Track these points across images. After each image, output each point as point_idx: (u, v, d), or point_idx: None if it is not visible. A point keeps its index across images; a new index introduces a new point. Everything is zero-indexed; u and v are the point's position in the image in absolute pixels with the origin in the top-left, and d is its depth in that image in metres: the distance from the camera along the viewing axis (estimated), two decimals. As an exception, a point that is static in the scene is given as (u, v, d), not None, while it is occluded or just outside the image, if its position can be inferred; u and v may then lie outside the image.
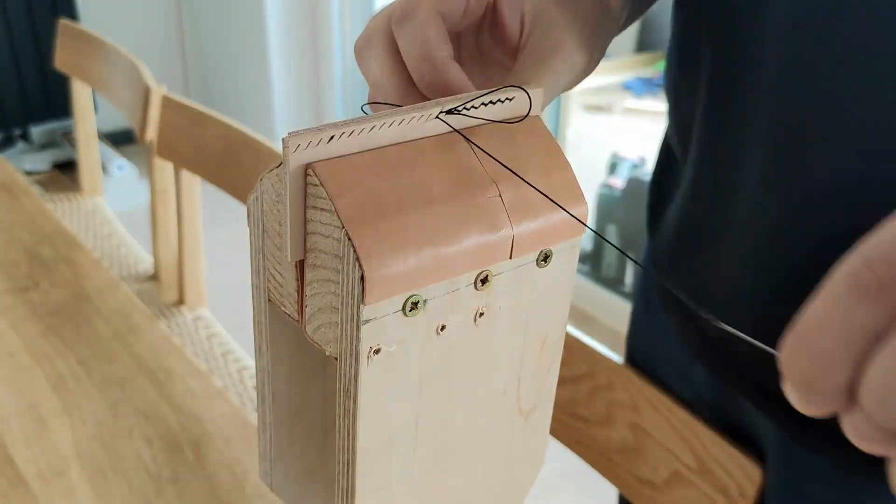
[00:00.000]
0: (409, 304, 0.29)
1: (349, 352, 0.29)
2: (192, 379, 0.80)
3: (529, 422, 0.37)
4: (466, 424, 0.34)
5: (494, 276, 0.31)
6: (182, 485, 0.68)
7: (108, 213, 1.64)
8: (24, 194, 1.18)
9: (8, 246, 1.03)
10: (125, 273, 1.44)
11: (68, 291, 0.94)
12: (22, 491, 0.66)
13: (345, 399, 0.30)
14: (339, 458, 0.31)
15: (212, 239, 1.62)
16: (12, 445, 0.71)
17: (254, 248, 0.32)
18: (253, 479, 0.68)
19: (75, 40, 1.57)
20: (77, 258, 1.01)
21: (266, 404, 0.37)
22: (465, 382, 0.33)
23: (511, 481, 0.39)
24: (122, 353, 0.83)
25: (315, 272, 0.30)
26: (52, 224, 1.09)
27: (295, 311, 0.32)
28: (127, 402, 0.77)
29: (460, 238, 0.29)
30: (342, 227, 0.27)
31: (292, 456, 0.39)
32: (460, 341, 0.31)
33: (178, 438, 0.73)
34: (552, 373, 0.37)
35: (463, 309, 0.31)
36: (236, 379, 1.17)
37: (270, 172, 0.29)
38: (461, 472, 0.36)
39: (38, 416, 0.75)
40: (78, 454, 0.70)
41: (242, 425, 0.74)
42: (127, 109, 1.40)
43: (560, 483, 1.66)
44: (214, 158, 1.19)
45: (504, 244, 0.30)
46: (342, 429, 0.30)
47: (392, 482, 0.33)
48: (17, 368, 0.81)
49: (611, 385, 0.69)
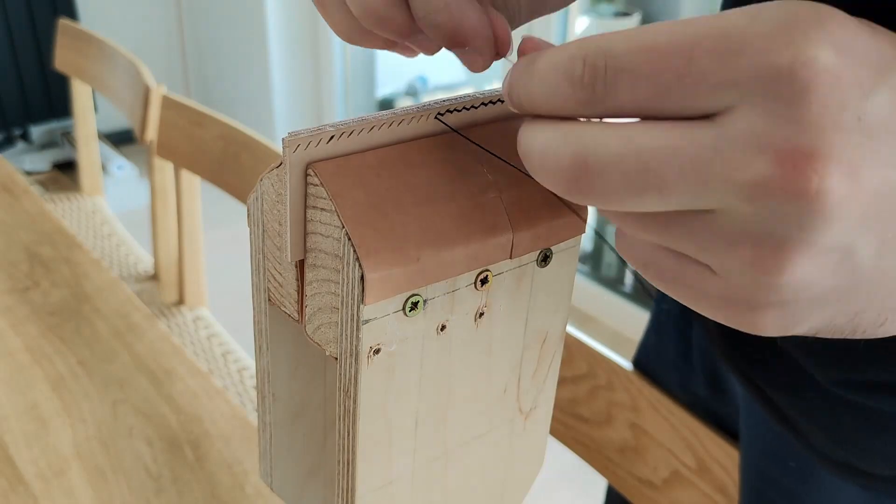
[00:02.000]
0: (409, 304, 0.29)
1: (349, 352, 0.29)
2: (192, 379, 0.80)
3: (529, 421, 0.37)
4: (466, 424, 0.34)
5: (494, 276, 0.31)
6: (182, 485, 0.68)
7: (108, 213, 1.64)
8: (24, 194, 1.18)
9: (8, 246, 1.03)
10: (125, 273, 1.44)
11: (68, 291, 0.94)
12: (22, 491, 0.66)
13: (345, 399, 0.30)
14: (339, 458, 0.31)
15: (212, 239, 1.62)
16: (12, 445, 0.71)
17: (254, 248, 0.32)
18: (253, 479, 0.68)
19: (75, 40, 1.57)
20: (77, 258, 1.01)
21: (266, 404, 0.37)
22: (465, 382, 0.33)
23: (511, 481, 0.39)
24: (122, 353, 0.83)
25: (315, 272, 0.30)
26: (52, 224, 1.09)
27: (295, 311, 0.32)
28: (127, 402, 0.77)
29: (460, 238, 0.29)
30: (342, 226, 0.27)
31: (292, 456, 0.39)
32: (460, 341, 0.31)
33: (178, 438, 0.73)
34: (552, 372, 0.37)
35: (463, 309, 0.31)
36: (236, 379, 1.17)
37: (270, 172, 0.29)
38: (461, 471, 0.36)
39: (38, 416, 0.75)
40: (78, 454, 0.70)
41: (242, 425, 0.74)
42: (127, 109, 1.40)
43: (560, 483, 1.66)
44: (214, 158, 1.19)
45: (504, 244, 0.30)
46: (342, 429, 0.31)
47: (392, 482, 0.33)
48: (17, 368, 0.81)
49: (611, 385, 0.69)
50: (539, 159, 0.24)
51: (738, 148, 0.21)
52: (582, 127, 0.23)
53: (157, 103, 1.30)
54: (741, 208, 0.21)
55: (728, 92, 0.21)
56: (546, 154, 0.23)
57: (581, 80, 0.22)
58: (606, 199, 0.22)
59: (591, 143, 0.22)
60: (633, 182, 0.22)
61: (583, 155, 0.22)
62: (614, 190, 0.22)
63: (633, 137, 0.22)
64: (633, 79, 0.22)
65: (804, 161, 0.20)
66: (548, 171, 0.23)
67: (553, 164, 0.23)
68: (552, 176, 0.23)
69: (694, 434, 0.63)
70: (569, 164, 0.23)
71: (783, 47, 0.20)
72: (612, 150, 0.22)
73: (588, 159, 0.22)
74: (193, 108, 1.24)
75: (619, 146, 0.22)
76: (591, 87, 0.22)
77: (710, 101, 0.21)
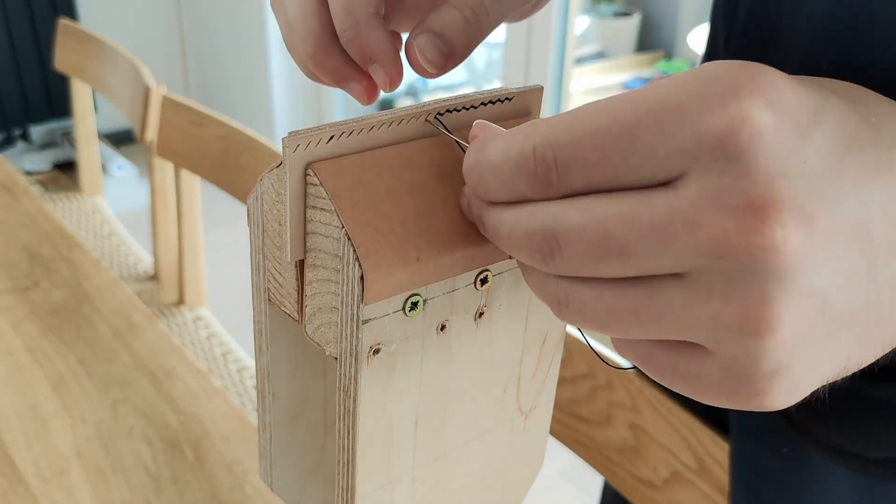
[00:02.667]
0: (409, 304, 0.29)
1: (349, 351, 0.29)
2: (192, 379, 0.80)
3: (529, 421, 0.37)
4: (466, 424, 0.34)
5: (494, 276, 0.31)
6: (182, 485, 0.68)
7: (108, 213, 1.64)
8: (24, 194, 1.18)
9: (8, 246, 1.03)
10: (125, 273, 1.44)
11: (68, 291, 0.94)
12: (22, 491, 0.66)
13: (345, 399, 0.30)
14: (339, 458, 0.31)
15: (212, 239, 1.62)
16: (12, 445, 0.71)
17: (254, 248, 0.32)
18: (253, 479, 0.69)
19: (75, 40, 1.57)
20: (77, 258, 1.01)
21: (266, 404, 0.37)
22: (465, 382, 0.33)
23: (511, 481, 0.39)
24: (122, 353, 0.83)
25: (315, 272, 0.30)
26: (52, 224, 1.09)
27: (295, 311, 0.32)
28: (127, 401, 0.77)
29: (460, 238, 0.29)
30: (342, 226, 0.27)
31: (292, 456, 0.39)
32: (460, 341, 0.31)
33: (178, 438, 0.73)
34: (552, 372, 0.37)
35: (463, 308, 0.31)
36: (236, 379, 1.17)
37: (270, 172, 0.29)
38: (461, 471, 0.36)
39: (38, 416, 0.75)
40: (78, 454, 0.70)
41: (242, 425, 0.74)
42: (127, 109, 1.40)
43: (560, 483, 1.66)
44: (214, 158, 1.19)
45: (504, 244, 0.30)
46: (342, 428, 0.31)
47: (392, 482, 0.33)
48: (17, 368, 0.81)
49: (611, 385, 0.69)
50: (508, 239, 0.25)
51: (695, 208, 0.21)
52: (544, 204, 0.24)
53: (157, 103, 1.30)
54: (710, 267, 0.21)
55: (676, 160, 0.21)
56: (515, 234, 0.25)
57: (535, 172, 0.23)
58: (575, 266, 0.23)
59: (553, 216, 0.23)
60: (597, 249, 0.22)
61: (550, 228, 0.23)
62: (581, 258, 0.23)
63: (593, 209, 0.23)
64: (583, 166, 0.23)
65: (761, 211, 0.20)
66: (520, 248, 0.25)
67: (524, 240, 0.24)
68: (525, 251, 0.24)
69: (694, 434, 0.63)
70: (540, 240, 0.24)
71: (719, 109, 0.21)
72: (574, 222, 0.23)
73: (556, 233, 0.23)
74: (193, 108, 1.23)
75: (580, 217, 0.23)
76: (546, 177, 0.23)
77: (661, 172, 0.22)
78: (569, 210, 0.23)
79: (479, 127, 0.28)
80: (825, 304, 0.22)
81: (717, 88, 0.21)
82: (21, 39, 2.71)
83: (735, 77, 0.21)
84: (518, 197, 0.25)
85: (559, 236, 0.23)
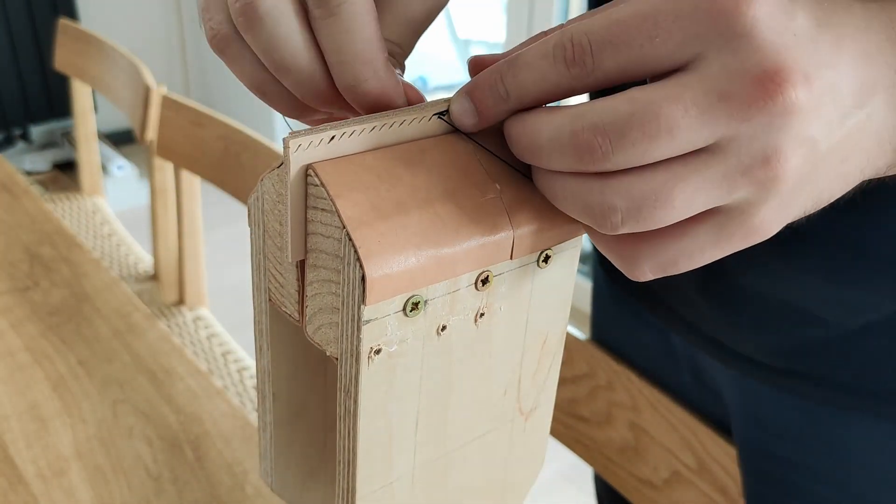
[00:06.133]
0: (410, 305, 0.29)
1: (350, 352, 0.29)
2: (192, 379, 0.80)
3: (530, 422, 0.37)
4: (467, 424, 0.34)
5: (495, 277, 0.31)
6: (182, 485, 0.68)
7: (108, 212, 1.64)
8: (24, 194, 1.18)
9: (8, 246, 1.03)
10: (125, 273, 1.44)
11: (68, 291, 0.94)
12: (22, 491, 0.66)
13: (345, 399, 0.30)
14: (339, 458, 0.31)
15: (212, 239, 1.62)
16: (12, 445, 0.71)
17: (254, 249, 0.32)
18: (253, 479, 0.68)
19: (75, 40, 1.57)
20: (77, 258, 1.01)
21: (266, 404, 0.37)
22: (465, 382, 0.33)
23: (511, 481, 0.39)
24: (122, 353, 0.83)
25: (316, 272, 0.30)
26: (52, 224, 1.09)
27: (295, 312, 0.32)
28: (127, 402, 0.77)
29: (461, 238, 0.29)
30: (343, 227, 0.27)
31: (292, 456, 0.39)
32: (461, 341, 0.31)
33: (178, 438, 0.73)
34: (552, 373, 0.37)
35: (463, 309, 0.31)
36: (236, 379, 1.17)
37: (271, 173, 0.29)
38: (461, 472, 0.36)
39: (38, 416, 0.75)
40: (78, 454, 0.70)
41: (242, 425, 0.74)
42: (127, 109, 1.40)
43: (560, 483, 1.66)
44: (214, 158, 1.19)
45: (504, 244, 0.30)
46: (342, 429, 0.31)
47: (392, 482, 0.33)
48: (17, 368, 0.81)
49: (611, 385, 0.69)
50: (551, 144, 0.27)
51: (724, 81, 0.25)
52: (583, 105, 0.27)
53: (157, 103, 1.30)
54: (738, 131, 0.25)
55: (693, 43, 0.25)
56: (559, 138, 0.27)
57: (572, 58, 0.26)
58: (626, 156, 0.26)
59: (599, 113, 0.26)
60: (648, 131, 0.25)
61: (599, 124, 0.26)
62: (633, 145, 0.26)
63: (638, 97, 0.26)
64: (614, 48, 0.26)
65: (777, 77, 0.25)
66: (563, 151, 0.27)
67: (569, 141, 0.26)
68: (570, 154, 0.27)
69: (694, 434, 0.63)
70: (588, 137, 0.26)
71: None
72: (623, 111, 0.26)
73: (605, 128, 0.26)
74: (193, 108, 1.24)
75: (629, 107, 0.26)
76: (582, 62, 0.26)
77: (681, 53, 0.26)
78: (616, 102, 0.26)
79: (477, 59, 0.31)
80: (814, 147, 0.26)
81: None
82: (21, 39, 2.71)
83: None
84: (554, 88, 0.27)
85: (609, 130, 0.26)
